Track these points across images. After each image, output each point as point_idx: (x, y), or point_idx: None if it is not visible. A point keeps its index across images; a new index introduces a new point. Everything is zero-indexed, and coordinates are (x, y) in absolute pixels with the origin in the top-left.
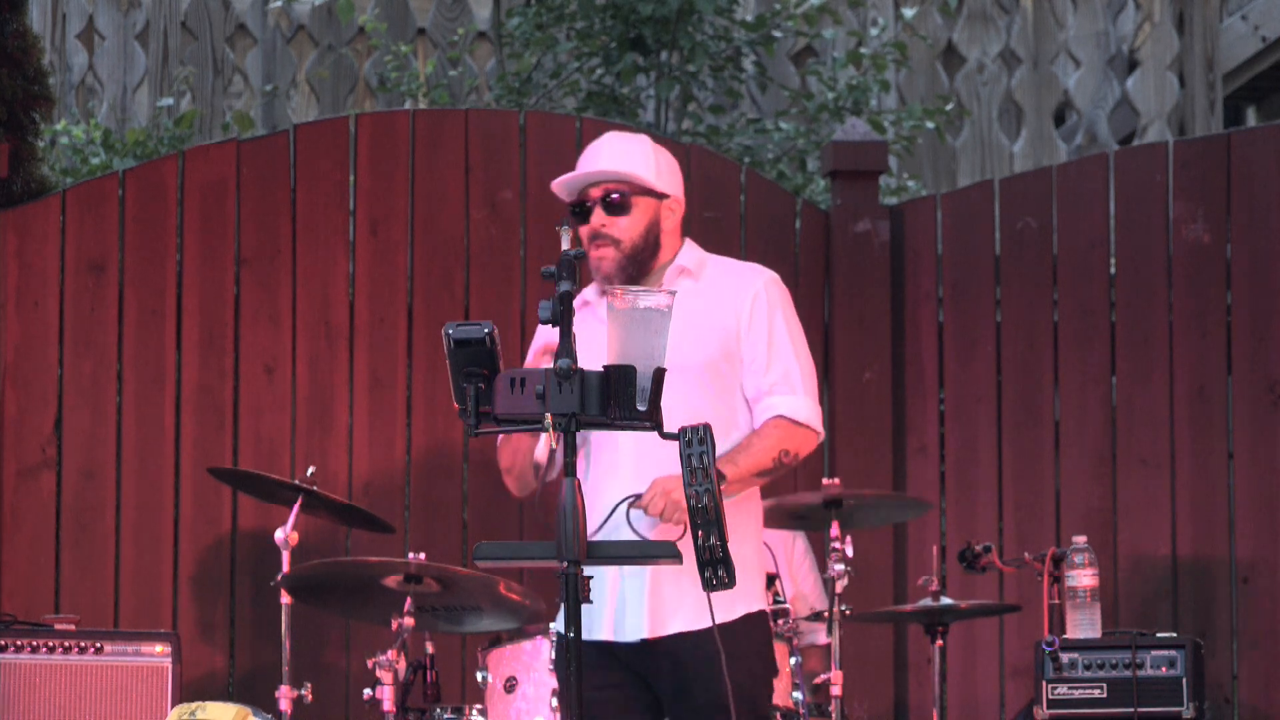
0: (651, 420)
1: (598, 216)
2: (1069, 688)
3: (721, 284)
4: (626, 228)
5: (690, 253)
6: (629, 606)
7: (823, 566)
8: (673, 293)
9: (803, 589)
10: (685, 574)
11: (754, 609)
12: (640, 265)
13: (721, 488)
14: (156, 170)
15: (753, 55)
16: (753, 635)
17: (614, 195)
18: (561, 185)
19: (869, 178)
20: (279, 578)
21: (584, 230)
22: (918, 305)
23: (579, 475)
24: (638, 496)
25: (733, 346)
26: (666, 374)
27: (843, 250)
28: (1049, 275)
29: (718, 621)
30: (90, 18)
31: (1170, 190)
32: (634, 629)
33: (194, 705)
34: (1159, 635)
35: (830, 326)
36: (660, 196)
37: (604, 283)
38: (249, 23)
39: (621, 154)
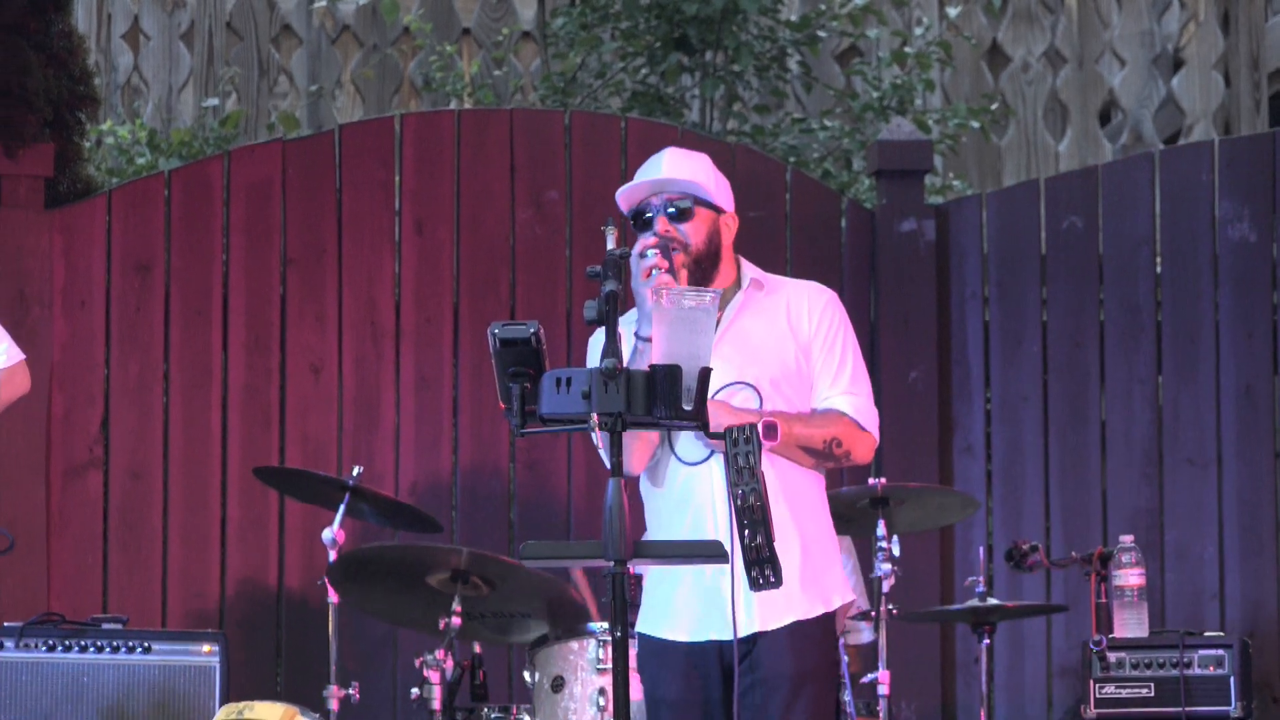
0: (698, 419)
1: (661, 224)
2: (1116, 687)
3: (791, 298)
4: (690, 233)
5: (753, 268)
6: (739, 603)
7: (869, 567)
8: (716, 293)
9: None
10: (787, 564)
11: (846, 599)
12: (704, 274)
13: (764, 422)
14: (202, 170)
15: (797, 55)
16: (833, 626)
17: (677, 203)
18: (625, 194)
19: (914, 177)
20: (325, 572)
21: (645, 243)
22: (963, 304)
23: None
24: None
25: (802, 354)
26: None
27: (888, 249)
28: (1095, 274)
29: (822, 611)
30: (135, 18)
31: (1216, 189)
32: (745, 624)
33: (242, 705)
34: (1206, 634)
35: (876, 326)
36: (718, 210)
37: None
38: (294, 23)
39: (681, 167)
